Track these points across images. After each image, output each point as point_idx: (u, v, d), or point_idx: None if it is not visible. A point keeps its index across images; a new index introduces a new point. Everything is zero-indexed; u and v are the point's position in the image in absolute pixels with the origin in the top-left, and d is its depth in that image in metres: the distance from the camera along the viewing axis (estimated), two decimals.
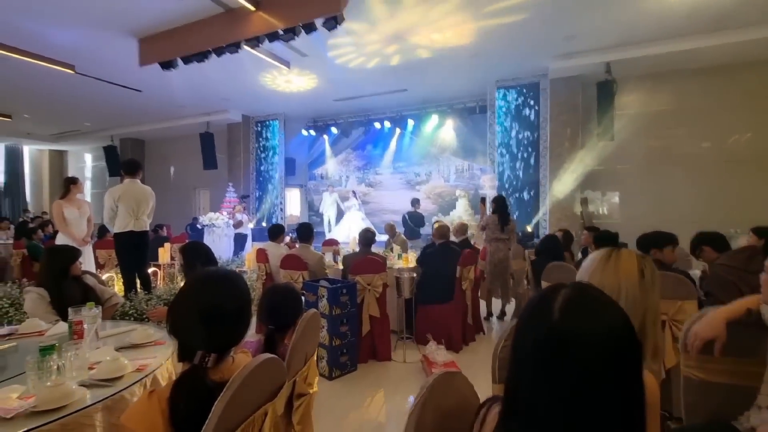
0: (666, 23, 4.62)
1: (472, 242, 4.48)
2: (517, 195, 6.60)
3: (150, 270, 4.43)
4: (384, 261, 3.59)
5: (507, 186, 6.60)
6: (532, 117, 6.45)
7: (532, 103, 6.45)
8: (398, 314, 3.85)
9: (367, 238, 3.64)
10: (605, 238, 3.07)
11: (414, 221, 6.59)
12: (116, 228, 3.85)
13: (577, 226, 5.77)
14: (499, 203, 4.45)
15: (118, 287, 4.20)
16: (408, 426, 0.83)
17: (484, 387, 1.06)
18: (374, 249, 3.90)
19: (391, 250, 4.67)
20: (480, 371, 1.89)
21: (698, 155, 5.74)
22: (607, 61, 5.38)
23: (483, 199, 4.82)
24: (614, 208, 6.36)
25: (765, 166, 5.32)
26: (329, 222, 8.91)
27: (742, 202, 5.29)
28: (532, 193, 6.49)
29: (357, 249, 4.01)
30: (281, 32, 4.14)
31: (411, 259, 4.22)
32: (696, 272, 3.16)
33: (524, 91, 6.52)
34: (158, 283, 4.86)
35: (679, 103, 5.80)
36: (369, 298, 3.40)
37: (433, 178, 8.20)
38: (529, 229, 6.27)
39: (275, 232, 4.24)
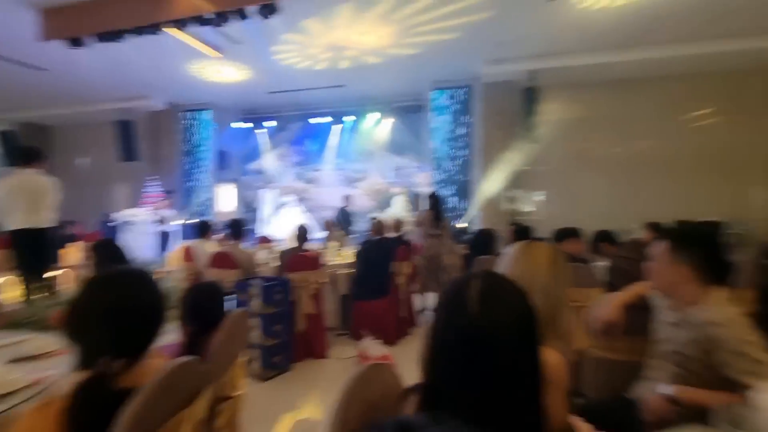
0: (582, 38, 5.07)
1: (408, 238, 4.58)
2: (451, 193, 6.88)
3: (60, 271, 3.94)
4: (319, 257, 3.54)
5: (442, 184, 6.84)
6: (467, 118, 6.76)
7: (466, 105, 6.75)
8: (335, 310, 3.83)
9: (301, 233, 3.57)
10: (521, 232, 3.31)
11: (342, 218, 6.60)
12: (11, 225, 3.37)
13: (505, 223, 6.15)
14: (434, 200, 4.60)
15: (16, 293, 3.67)
16: (331, 419, 0.82)
17: (417, 378, 1.09)
18: (315, 245, 3.83)
19: (328, 246, 4.63)
20: (414, 363, 1.95)
21: (610, 159, 6.39)
22: (531, 69, 5.79)
23: (417, 196, 4.96)
24: (539, 206, 6.86)
25: (666, 169, 6.06)
26: (265, 219, 8.59)
27: (647, 201, 5.99)
28: (465, 191, 6.80)
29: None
30: (210, 16, 3.89)
31: (347, 255, 4.21)
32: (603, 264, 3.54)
33: (459, 93, 6.80)
34: (66, 285, 4.33)
35: (594, 111, 6.40)
36: (304, 295, 3.33)
37: (372, 175, 8.26)
38: (462, 225, 6.56)
39: (202, 229, 3.99)
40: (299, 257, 3.44)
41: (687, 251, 1.31)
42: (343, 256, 4.31)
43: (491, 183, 6.43)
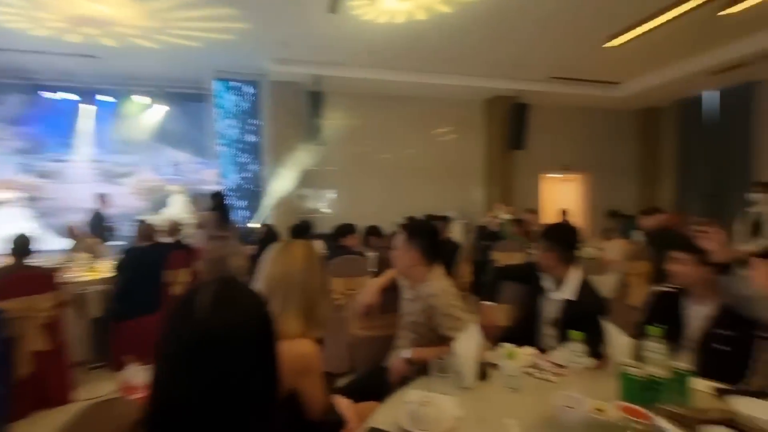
0: (360, 53, 5.66)
1: (187, 242, 4.09)
2: (241, 191, 6.55)
3: None
4: (53, 275, 2.73)
5: (231, 182, 6.43)
6: (256, 114, 6.56)
7: (255, 100, 6.54)
8: (83, 340, 3.05)
9: (20, 246, 2.66)
10: (300, 229, 3.47)
11: (95, 223, 5.38)
12: None
13: (296, 221, 6.31)
14: (218, 199, 4.27)
15: None
16: None
17: None
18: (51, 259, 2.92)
19: (74, 259, 3.64)
20: None
21: (383, 163, 7.42)
22: (316, 74, 6.10)
23: (197, 195, 4.49)
24: (329, 204, 7.33)
25: (422, 174, 7.46)
26: None
27: (408, 199, 7.23)
28: (254, 190, 6.61)
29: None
30: None
31: (103, 268, 3.43)
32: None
33: (247, 87, 6.53)
34: None
35: (370, 120, 7.28)
36: (30, 327, 2.51)
37: (142, 170, 6.96)
38: (253, 225, 6.35)
39: None
40: (19, 278, 2.56)
41: (416, 239, 1.65)
42: (96, 270, 3.48)
43: (282, 181, 6.46)
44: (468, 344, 1.35)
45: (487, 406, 1.23)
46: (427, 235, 1.68)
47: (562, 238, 1.89)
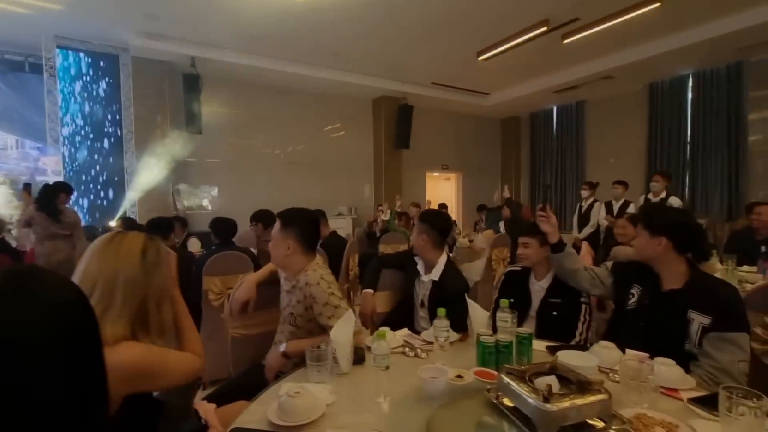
0: (236, 38, 5.29)
1: (14, 244, 3.30)
2: (96, 183, 5.57)
3: None
4: None
5: (79, 171, 5.41)
6: (111, 93, 5.62)
7: (109, 77, 5.60)
8: None
9: None
10: (156, 225, 3.10)
11: None
12: None
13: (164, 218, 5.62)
14: (45, 192, 3.50)
15: None
16: None
17: None
18: None
19: None
20: None
21: (271, 157, 7.08)
22: (191, 55, 5.51)
23: (26, 186, 3.63)
24: (209, 199, 6.69)
25: (313, 168, 7.33)
26: None
27: (297, 193, 7.02)
28: (116, 181, 5.69)
29: None
30: None
31: None
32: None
33: (99, 61, 5.56)
34: None
35: (257, 111, 6.86)
36: None
37: None
38: (112, 223, 5.45)
39: None
40: None
41: (291, 228, 1.60)
42: None
43: (151, 174, 5.68)
44: (343, 331, 1.35)
45: (361, 388, 1.25)
46: (304, 223, 1.63)
47: (435, 222, 2.04)
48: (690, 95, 6.59)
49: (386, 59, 6.18)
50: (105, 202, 5.71)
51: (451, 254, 4.45)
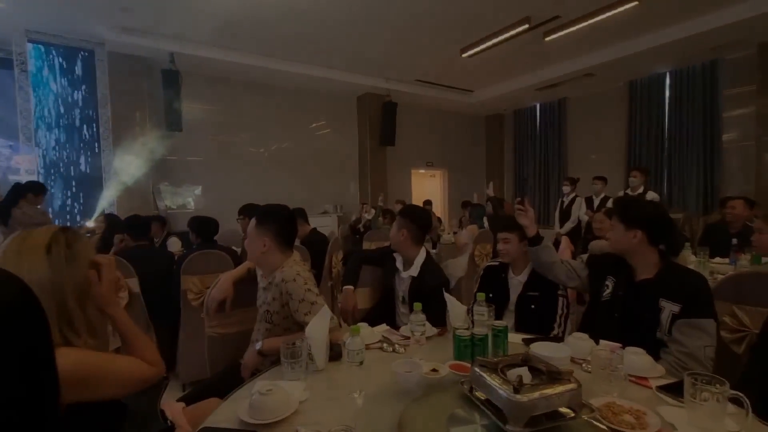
0: (216, 31, 5.16)
1: None
2: (72, 183, 5.42)
3: None
4: None
5: (54, 170, 5.25)
6: (87, 90, 5.47)
7: (82, 73, 5.44)
8: None
9: None
10: (132, 224, 3.02)
11: None
12: None
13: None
14: (8, 194, 3.37)
15: None
16: None
17: None
18: None
19: None
20: None
21: (255, 155, 6.98)
22: (170, 50, 5.39)
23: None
24: (193, 198, 6.56)
25: (297, 167, 7.25)
26: None
27: (281, 193, 6.93)
28: (93, 180, 5.54)
29: None
30: None
31: None
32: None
33: (73, 55, 5.39)
34: None
35: (240, 108, 6.75)
36: None
37: None
38: (90, 224, 5.31)
39: None
40: None
41: (267, 224, 1.57)
42: None
43: (130, 172, 5.55)
44: (318, 327, 1.34)
45: (336, 384, 1.24)
46: (280, 220, 1.61)
47: (415, 218, 2.04)
48: (668, 93, 6.74)
49: (369, 56, 6.15)
50: (81, 202, 5.56)
51: (434, 250, 4.47)
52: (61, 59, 5.40)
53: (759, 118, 5.58)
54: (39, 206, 3.70)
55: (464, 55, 5.95)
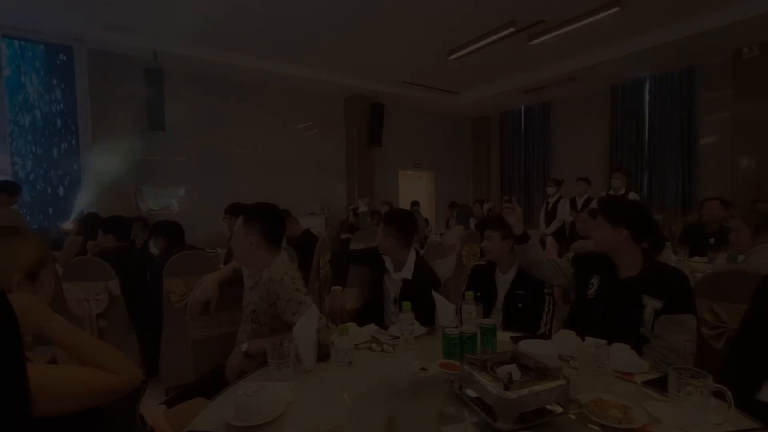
0: (200, 29, 5.06)
1: None
2: (50, 183, 5.26)
3: None
4: None
5: (30, 171, 5.08)
6: (66, 88, 5.31)
7: (63, 70, 5.29)
8: None
9: None
10: (111, 225, 2.95)
11: None
12: None
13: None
14: None
15: None
16: None
17: None
18: None
19: None
20: None
21: (241, 156, 6.87)
22: (152, 48, 5.28)
23: None
24: (177, 200, 6.41)
25: (283, 167, 7.17)
26: None
27: (273, 196, 6.82)
28: (71, 181, 5.39)
29: None
30: None
31: None
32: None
33: (51, 52, 5.24)
34: None
35: (225, 108, 6.63)
36: None
37: None
38: (67, 225, 5.15)
39: None
40: None
41: (254, 222, 1.55)
42: None
43: (111, 173, 5.40)
44: (306, 327, 1.32)
45: (325, 385, 1.22)
46: (267, 218, 1.58)
47: (400, 225, 2.04)
48: (647, 97, 6.92)
49: (357, 56, 6.14)
50: (59, 204, 5.39)
51: (422, 251, 4.48)
52: (38, 56, 5.23)
53: (734, 122, 5.78)
54: (13, 207, 3.57)
55: (451, 58, 6.00)
